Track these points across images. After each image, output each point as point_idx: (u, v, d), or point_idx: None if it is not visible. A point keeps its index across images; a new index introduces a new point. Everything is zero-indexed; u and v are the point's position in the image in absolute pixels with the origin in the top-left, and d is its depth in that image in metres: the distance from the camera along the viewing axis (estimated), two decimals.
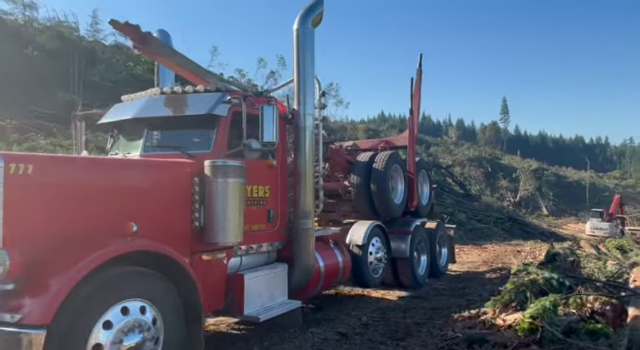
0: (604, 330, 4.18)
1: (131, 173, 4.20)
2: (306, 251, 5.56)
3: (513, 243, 18.84)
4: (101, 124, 5.47)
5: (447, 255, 9.92)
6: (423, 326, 5.57)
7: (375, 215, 7.92)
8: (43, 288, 3.01)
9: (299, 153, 5.61)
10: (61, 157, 4.51)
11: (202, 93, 5.02)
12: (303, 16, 5.73)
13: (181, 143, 4.82)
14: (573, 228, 35.21)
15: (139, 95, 5.41)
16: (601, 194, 51.64)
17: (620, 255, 13.00)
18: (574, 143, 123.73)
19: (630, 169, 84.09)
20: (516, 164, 56.28)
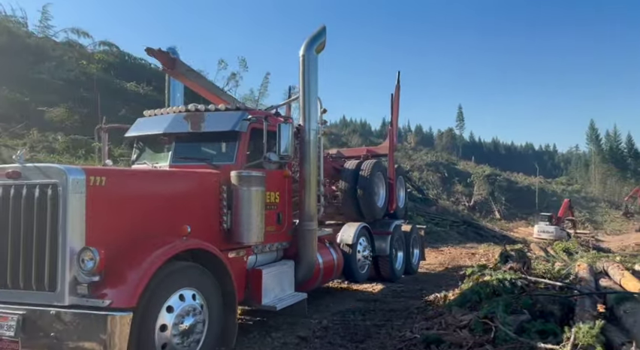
0: (553, 329, 4.36)
1: (179, 182, 4.93)
2: (310, 249, 6.28)
3: (468, 246, 19.45)
4: (128, 136, 6.12)
5: (419, 254, 10.87)
6: (382, 328, 5.63)
7: (361, 217, 8.75)
8: (127, 279, 3.66)
9: (304, 163, 6.35)
10: (128, 170, 5.26)
11: (225, 111, 5.70)
12: (309, 44, 6.45)
13: (206, 155, 5.62)
14: (523, 232, 36.78)
15: (163, 111, 6.08)
16: (549, 199, 54.28)
17: (566, 257, 13.69)
18: (524, 149, 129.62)
19: (576, 175, 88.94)
20: (471, 170, 58.16)
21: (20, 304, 3.71)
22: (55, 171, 3.82)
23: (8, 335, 3.62)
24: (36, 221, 3.76)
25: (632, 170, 74.07)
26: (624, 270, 6.27)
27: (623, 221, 50.45)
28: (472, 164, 63.97)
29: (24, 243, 3.78)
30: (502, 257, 7.83)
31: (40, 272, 3.72)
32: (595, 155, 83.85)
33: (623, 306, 4.51)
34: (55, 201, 3.72)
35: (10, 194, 3.85)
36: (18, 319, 3.63)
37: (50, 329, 3.56)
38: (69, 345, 3.52)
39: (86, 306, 3.57)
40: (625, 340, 3.97)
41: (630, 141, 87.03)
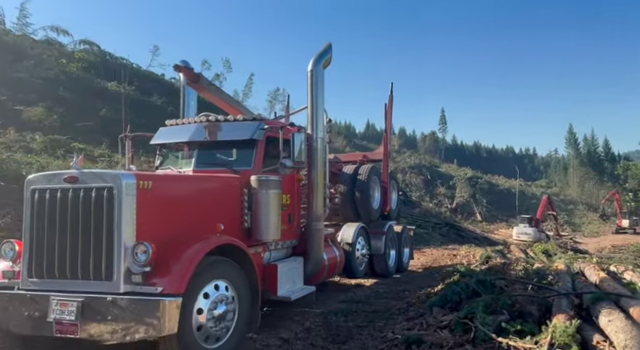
0: (531, 329, 4.43)
1: (210, 185, 5.56)
2: (317, 247, 6.92)
3: (450, 247, 19.64)
4: (154, 144, 6.71)
5: (409, 252, 11.57)
6: (364, 329, 5.65)
7: (357, 218, 9.41)
8: (175, 269, 4.21)
9: (312, 168, 6.91)
10: (169, 175, 5.86)
11: (242, 121, 6.31)
12: (316, 60, 7.02)
13: (226, 161, 6.12)
14: (504, 233, 37.36)
15: (184, 121, 6.70)
16: (529, 202, 55.28)
17: (545, 259, 13.96)
18: (505, 153, 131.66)
19: (555, 178, 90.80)
20: (453, 172, 58.89)
21: (78, 292, 4.22)
22: (110, 176, 4.45)
23: (69, 319, 4.14)
24: (93, 219, 4.31)
25: (608, 173, 75.94)
26: (600, 271, 6.42)
27: (600, 223, 51.76)
28: (454, 167, 64.77)
29: (82, 239, 4.33)
30: (483, 258, 7.95)
31: (97, 264, 4.27)
32: (573, 159, 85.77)
33: (599, 306, 4.61)
34: (111, 202, 4.28)
35: (68, 197, 4.40)
36: (77, 305, 4.14)
37: (107, 313, 4.06)
38: (124, 326, 4.02)
39: (140, 293, 4.10)
40: (600, 339, 4.06)
41: (607, 145, 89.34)
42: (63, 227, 4.39)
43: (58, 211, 4.41)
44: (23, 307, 4.32)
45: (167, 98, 29.24)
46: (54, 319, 4.18)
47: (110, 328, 4.07)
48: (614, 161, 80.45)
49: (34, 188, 4.56)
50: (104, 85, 24.83)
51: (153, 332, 4.00)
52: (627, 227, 44.35)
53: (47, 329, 4.23)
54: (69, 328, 4.17)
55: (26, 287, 4.44)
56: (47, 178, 4.62)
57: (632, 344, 3.63)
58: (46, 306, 4.24)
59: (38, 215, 4.49)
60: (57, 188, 4.47)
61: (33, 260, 4.46)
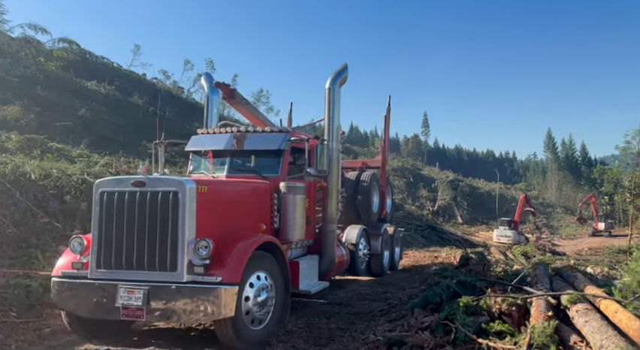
0: (510, 330, 4.49)
1: (249, 189, 6.31)
2: (331, 247, 7.66)
3: (431, 250, 19.82)
4: (188, 150, 7.40)
5: (399, 252, 12.44)
6: (346, 331, 5.64)
7: (359, 220, 10.14)
8: (231, 262, 4.90)
9: (329, 176, 7.62)
10: (220, 181, 6.36)
11: (270, 133, 7.10)
12: (334, 79, 7.74)
13: (256, 167, 6.80)
14: (484, 236, 37.87)
15: (217, 130, 7.39)
16: (509, 204, 56.15)
17: (524, 261, 14.21)
18: (485, 156, 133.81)
19: (534, 182, 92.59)
20: (435, 175, 59.47)
21: (144, 281, 4.85)
22: (175, 182, 5.09)
23: (136, 304, 4.77)
24: (160, 219, 4.94)
25: (585, 177, 77.68)
26: (577, 272, 6.54)
27: (577, 226, 52.82)
28: (436, 170, 65.42)
29: (149, 235, 4.94)
30: (463, 259, 8.04)
31: (162, 257, 4.89)
32: (552, 163, 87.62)
33: (576, 307, 4.68)
34: (176, 204, 4.92)
35: (136, 199, 5.01)
36: (144, 292, 4.77)
37: (171, 299, 4.72)
38: (187, 310, 4.69)
39: (201, 282, 4.76)
40: (577, 340, 4.13)
41: (584, 150, 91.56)
42: (131, 225, 5.00)
43: (127, 211, 5.03)
44: (92, 294, 4.97)
45: (149, 97, 28.89)
46: (121, 305, 4.81)
47: (173, 312, 4.75)
48: (590, 166, 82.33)
49: (103, 190, 5.17)
50: (83, 84, 24.35)
51: (212, 316, 4.69)
52: (603, 230, 45.36)
53: (115, 313, 4.87)
54: (135, 312, 4.82)
55: (95, 276, 5.04)
56: (116, 182, 5.29)
57: (607, 344, 3.70)
58: (114, 293, 4.86)
59: (107, 214, 5.09)
60: (125, 191, 5.08)
61: (102, 253, 5.06)
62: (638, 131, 35.82)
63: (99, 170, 10.74)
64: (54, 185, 8.82)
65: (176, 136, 25.30)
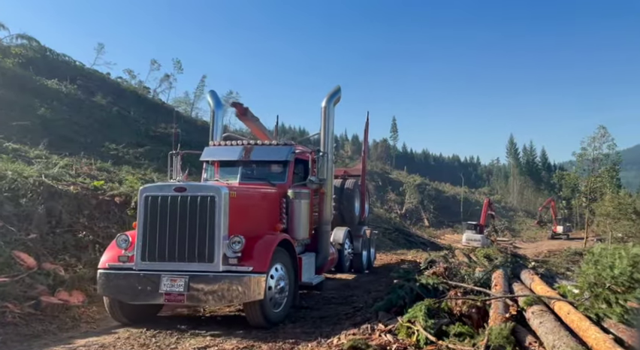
0: (469, 331, 4.61)
1: (263, 194, 7.33)
2: (326, 245, 8.64)
3: (398, 252, 20.11)
4: (203, 160, 8.29)
5: (374, 253, 13.77)
6: (311, 335, 5.63)
7: (343, 223, 11.22)
8: (259, 255, 5.91)
9: (325, 183, 8.51)
10: (243, 187, 7.28)
11: (277, 146, 8.15)
12: (329, 99, 8.77)
13: (265, 176, 7.87)
14: (449, 238, 38.72)
15: (227, 143, 8.37)
16: (473, 208, 57.67)
17: (487, 263, 14.57)
18: (451, 161, 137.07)
19: (497, 186, 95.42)
20: (403, 179, 60.41)
21: (185, 271, 5.78)
22: (212, 188, 6.10)
23: (178, 291, 5.69)
24: (199, 218, 5.88)
25: (545, 182, 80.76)
26: (534, 275, 6.80)
27: (537, 229, 54.74)
28: (404, 174, 66.46)
29: (189, 232, 5.87)
30: (427, 262, 8.20)
31: (201, 250, 5.84)
32: (513, 168, 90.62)
33: (532, 309, 4.87)
34: (212, 207, 5.89)
35: (177, 202, 5.95)
36: (185, 280, 5.72)
37: (209, 286, 5.70)
38: (222, 295, 5.69)
39: (235, 271, 5.78)
40: (532, 340, 4.29)
41: (544, 155, 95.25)
42: (173, 224, 5.90)
43: (169, 212, 5.93)
44: (137, 283, 5.83)
45: (113, 97, 28.05)
46: (164, 291, 5.72)
47: (210, 296, 5.71)
48: (550, 171, 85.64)
49: (147, 195, 6.03)
50: (43, 82, 23.40)
51: (245, 298, 5.71)
52: (561, 233, 47.24)
53: (158, 298, 5.78)
54: (177, 297, 5.73)
55: (140, 268, 5.90)
56: (159, 188, 6.17)
57: (559, 344, 3.86)
58: (158, 282, 5.76)
59: (152, 215, 5.96)
60: (168, 195, 5.98)
61: (146, 248, 5.92)
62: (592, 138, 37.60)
63: (58, 171, 10.34)
64: (9, 188, 8.43)
65: (142, 137, 24.66)
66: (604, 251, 4.74)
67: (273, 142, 8.36)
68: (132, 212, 9.34)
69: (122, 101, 29.55)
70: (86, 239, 8.25)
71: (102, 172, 12.88)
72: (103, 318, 6.52)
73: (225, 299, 5.75)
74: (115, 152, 18.94)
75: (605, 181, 36.34)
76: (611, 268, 4.53)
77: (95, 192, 9.63)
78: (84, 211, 8.98)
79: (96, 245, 8.24)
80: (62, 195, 8.94)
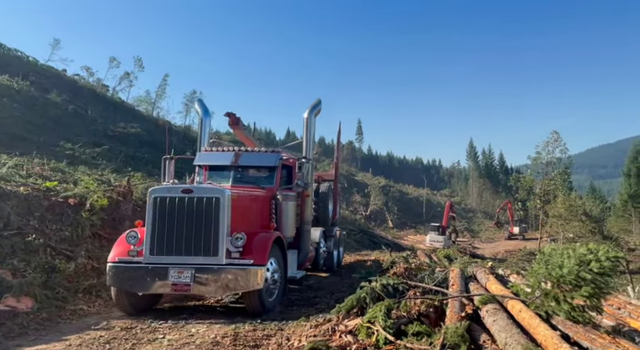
0: (427, 330, 4.71)
1: (258, 196, 8.08)
2: (307, 243, 9.58)
3: (362, 253, 20.31)
4: (196, 164, 9.05)
5: (342, 252, 14.59)
6: (272, 337, 5.60)
7: (317, 224, 11.70)
8: (258, 250, 6.73)
9: (308, 186, 9.46)
10: (242, 191, 7.82)
11: (265, 153, 9.03)
12: (310, 111, 9.84)
13: (255, 180, 8.62)
14: (412, 239, 39.49)
15: (219, 149, 9.17)
16: (435, 209, 59.09)
17: (447, 263, 14.95)
18: (414, 163, 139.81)
19: (457, 188, 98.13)
20: (368, 181, 61.15)
21: (191, 264, 6.50)
22: (217, 190, 6.83)
23: (184, 281, 6.42)
24: (205, 217, 6.60)
25: (503, 184, 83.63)
26: (489, 275, 7.03)
27: (495, 230, 56.68)
28: (369, 176, 67.28)
29: (195, 229, 6.58)
30: (389, 263, 8.35)
31: (207, 245, 6.57)
32: (473, 171, 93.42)
33: (486, 307, 5.02)
34: (217, 207, 6.64)
35: (185, 202, 6.64)
36: (191, 272, 6.44)
37: (213, 277, 6.46)
38: (225, 285, 6.46)
39: (237, 264, 6.55)
40: (486, 338, 4.43)
41: (502, 159, 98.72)
42: (180, 222, 6.59)
43: (177, 211, 6.61)
44: (146, 275, 6.49)
45: (69, 95, 26.94)
46: (172, 282, 6.43)
47: (214, 286, 6.47)
48: (507, 174, 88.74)
49: (156, 196, 6.70)
50: None
51: (246, 288, 6.50)
52: (518, 234, 49.17)
53: (166, 288, 6.48)
54: (183, 287, 6.45)
55: (148, 261, 6.56)
56: (167, 189, 6.81)
57: (511, 342, 4.00)
58: (165, 274, 6.44)
59: (160, 214, 6.61)
60: (176, 196, 6.66)
61: (155, 243, 6.57)
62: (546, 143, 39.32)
63: (7, 172, 9.83)
64: None
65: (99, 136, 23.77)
66: (554, 251, 4.95)
67: (262, 149, 9.28)
68: (87, 214, 9.00)
69: (79, 99, 28.44)
70: (36, 243, 7.86)
71: (56, 172, 12.34)
72: (53, 325, 6.24)
73: (228, 288, 6.50)
74: (70, 152, 18.19)
75: (557, 184, 38.06)
76: (560, 267, 4.72)
77: (47, 193, 9.20)
78: (35, 213, 8.56)
79: (47, 249, 7.88)
80: (11, 196, 8.49)
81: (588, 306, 4.66)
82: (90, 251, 8.42)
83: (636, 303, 6.48)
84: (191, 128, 40.53)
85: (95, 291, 7.62)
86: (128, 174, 14.30)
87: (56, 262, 7.63)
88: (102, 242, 9.03)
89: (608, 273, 4.60)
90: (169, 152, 8.90)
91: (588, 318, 4.58)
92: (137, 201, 10.79)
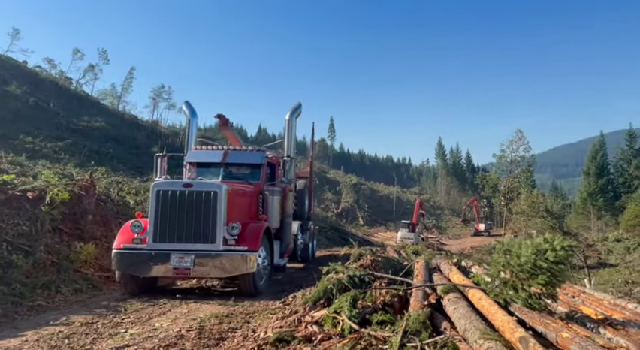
0: (391, 319, 4.80)
1: (247, 191, 8.85)
2: (288, 234, 10.45)
3: (333, 249, 20.42)
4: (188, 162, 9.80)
5: (316, 244, 15.97)
6: (238, 330, 5.57)
7: (295, 218, 12.03)
8: (251, 238, 7.64)
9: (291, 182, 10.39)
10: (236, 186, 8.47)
11: (252, 151, 9.98)
12: (292, 113, 10.84)
13: (242, 176, 9.42)
14: (382, 236, 40.01)
15: (208, 148, 9.98)
16: (405, 207, 60.04)
17: (414, 258, 15.23)
18: (385, 161, 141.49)
19: (426, 186, 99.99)
20: (339, 179, 61.51)
21: (191, 250, 7.28)
22: (214, 185, 7.68)
23: (185, 266, 7.24)
24: (203, 208, 7.38)
25: (470, 182, 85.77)
26: (452, 266, 7.21)
27: (462, 227, 58.18)
28: (340, 173, 67.66)
29: (195, 219, 7.37)
30: (356, 255, 8.41)
31: (205, 233, 7.37)
32: (441, 169, 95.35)
33: (448, 296, 5.15)
34: (215, 200, 7.42)
35: (185, 195, 7.42)
36: (192, 257, 7.25)
37: (211, 262, 7.31)
38: (222, 268, 7.32)
39: (233, 250, 7.40)
40: (447, 325, 4.55)
41: (469, 157, 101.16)
42: (181, 212, 7.38)
43: (178, 203, 7.38)
44: (150, 260, 7.28)
45: (29, 87, 25.88)
46: (174, 266, 7.23)
47: (212, 269, 7.31)
48: (474, 172, 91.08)
49: (158, 189, 7.48)
50: None
51: (241, 271, 7.37)
52: (483, 231, 50.59)
53: (168, 272, 7.31)
54: (184, 271, 7.28)
55: (152, 248, 7.34)
56: (169, 184, 7.67)
57: (470, 327, 4.13)
58: (167, 259, 7.24)
59: (162, 205, 7.38)
60: (177, 190, 7.45)
61: (158, 231, 7.35)
62: (511, 141, 40.61)
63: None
64: None
65: (62, 130, 22.94)
66: (512, 242, 5.13)
67: (249, 148, 10.26)
68: (47, 208, 8.69)
69: (40, 91, 27.36)
70: None
71: (14, 166, 11.85)
72: (9, 322, 6.00)
73: (225, 272, 7.35)
74: (30, 146, 17.51)
75: (521, 181, 39.36)
76: (518, 257, 4.90)
77: (4, 187, 8.82)
78: None
79: (4, 244, 7.56)
80: None
81: (544, 293, 4.86)
82: (50, 246, 8.14)
83: (589, 292, 6.79)
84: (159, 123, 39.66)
85: (54, 287, 7.37)
86: (91, 169, 13.89)
87: (13, 257, 7.34)
88: (63, 236, 8.74)
89: (563, 262, 4.80)
90: (161, 150, 10.01)
91: (544, 305, 4.77)
92: (100, 196, 10.49)
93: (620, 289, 13.07)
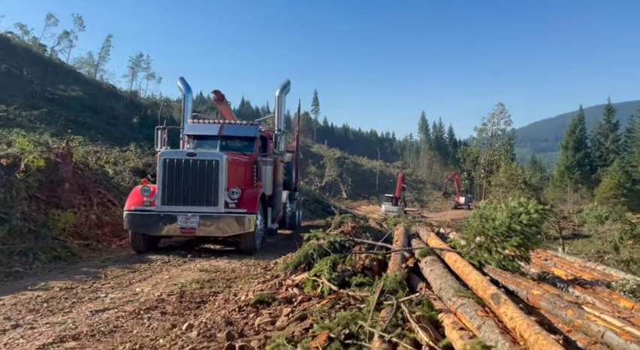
0: (369, 281, 4.90)
1: (244, 161, 9.74)
2: (279, 202, 11.40)
3: (316, 222, 20.59)
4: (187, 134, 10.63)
5: (301, 214, 17.07)
6: (219, 294, 5.63)
7: (283, 188, 12.75)
8: (250, 201, 8.65)
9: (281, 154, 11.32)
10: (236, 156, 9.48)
11: (247, 125, 10.99)
12: (281, 90, 11.60)
13: (238, 148, 10.20)
14: (365, 209, 40.46)
15: (206, 121, 11.07)
16: (387, 181, 60.59)
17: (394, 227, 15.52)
18: (369, 136, 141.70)
19: (409, 160, 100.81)
20: (323, 153, 61.49)
21: (196, 212, 8.26)
22: (216, 154, 8.58)
23: (191, 226, 8.22)
24: (207, 175, 8.31)
25: (451, 157, 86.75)
26: (430, 232, 7.37)
27: (443, 200, 59.13)
28: (324, 148, 67.59)
29: (199, 185, 8.32)
30: (337, 223, 8.51)
31: (208, 197, 8.34)
32: (424, 143, 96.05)
33: (425, 259, 5.28)
34: (217, 167, 8.35)
35: (190, 163, 8.31)
36: (197, 218, 8.23)
37: (215, 222, 8.31)
38: (225, 228, 8.32)
39: (234, 212, 8.37)
40: (423, 285, 4.67)
41: (451, 132, 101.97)
42: (187, 178, 8.25)
43: (183, 170, 8.27)
44: (159, 221, 8.21)
45: (1, 54, 24.84)
46: (180, 226, 8.19)
47: (216, 229, 8.29)
48: (456, 146, 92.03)
49: (165, 158, 8.32)
50: None
51: (241, 230, 8.34)
52: (464, 204, 51.53)
53: (176, 232, 8.30)
54: (190, 230, 8.23)
55: (160, 210, 8.25)
56: (174, 153, 8.59)
57: (445, 286, 4.25)
58: (175, 220, 8.19)
59: (169, 172, 8.25)
60: (182, 158, 8.32)
61: (166, 195, 8.27)
62: (492, 114, 40.95)
63: None
64: None
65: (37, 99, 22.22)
66: (488, 205, 5.24)
67: (243, 122, 11.30)
68: (22, 175, 8.49)
69: (13, 58, 26.32)
70: None
71: None
72: None
73: (227, 231, 8.34)
74: (4, 114, 16.94)
75: (501, 155, 39.97)
76: (493, 220, 5.02)
77: None
78: None
79: None
80: None
81: (517, 255, 5.02)
82: (26, 213, 8.00)
83: (562, 256, 7.04)
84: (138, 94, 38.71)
85: (32, 254, 7.29)
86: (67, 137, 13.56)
87: None
88: (40, 204, 8.60)
89: (537, 225, 4.95)
90: (161, 123, 10.71)
91: (517, 266, 4.93)
92: (77, 164, 10.28)
93: (592, 257, 13.56)
